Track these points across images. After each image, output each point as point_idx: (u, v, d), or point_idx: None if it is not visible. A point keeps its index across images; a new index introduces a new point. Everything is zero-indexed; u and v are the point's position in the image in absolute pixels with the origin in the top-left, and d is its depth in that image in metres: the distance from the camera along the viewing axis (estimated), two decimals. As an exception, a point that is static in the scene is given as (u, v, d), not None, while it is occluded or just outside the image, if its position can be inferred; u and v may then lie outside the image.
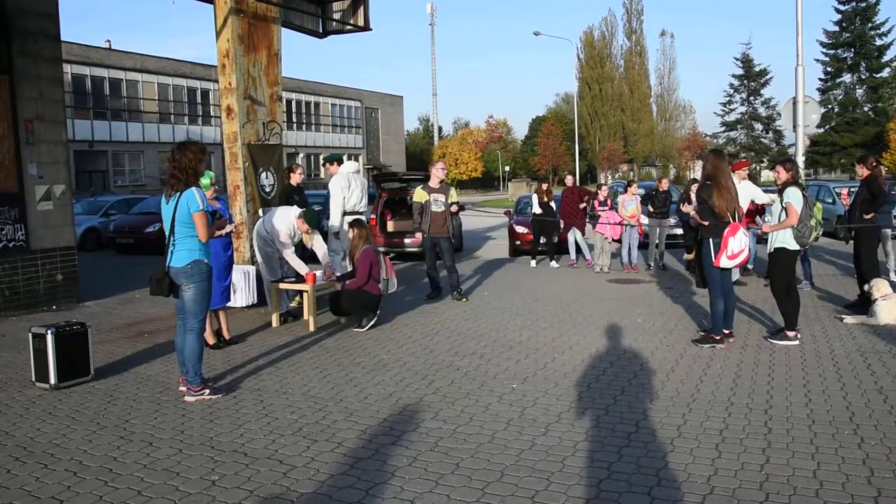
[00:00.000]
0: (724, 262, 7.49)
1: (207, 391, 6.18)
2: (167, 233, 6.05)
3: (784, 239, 7.73)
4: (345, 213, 10.34)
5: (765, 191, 12.04)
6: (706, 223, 7.53)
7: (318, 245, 9.41)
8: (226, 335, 8.26)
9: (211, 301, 7.86)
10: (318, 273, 9.27)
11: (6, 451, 5.06)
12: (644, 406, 5.72)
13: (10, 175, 10.58)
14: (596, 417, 5.48)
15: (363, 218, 10.04)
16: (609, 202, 14.40)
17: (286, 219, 9.13)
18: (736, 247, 7.44)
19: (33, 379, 6.65)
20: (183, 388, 6.28)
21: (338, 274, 9.55)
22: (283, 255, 9.25)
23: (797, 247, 7.73)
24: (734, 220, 7.51)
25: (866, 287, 8.90)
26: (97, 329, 8.89)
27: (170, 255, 6.05)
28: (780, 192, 7.84)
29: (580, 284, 12.49)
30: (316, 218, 9.37)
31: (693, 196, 12.99)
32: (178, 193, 5.94)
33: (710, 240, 7.53)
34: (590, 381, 6.47)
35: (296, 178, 10.73)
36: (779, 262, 7.82)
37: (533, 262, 15.05)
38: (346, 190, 10.34)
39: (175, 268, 6.04)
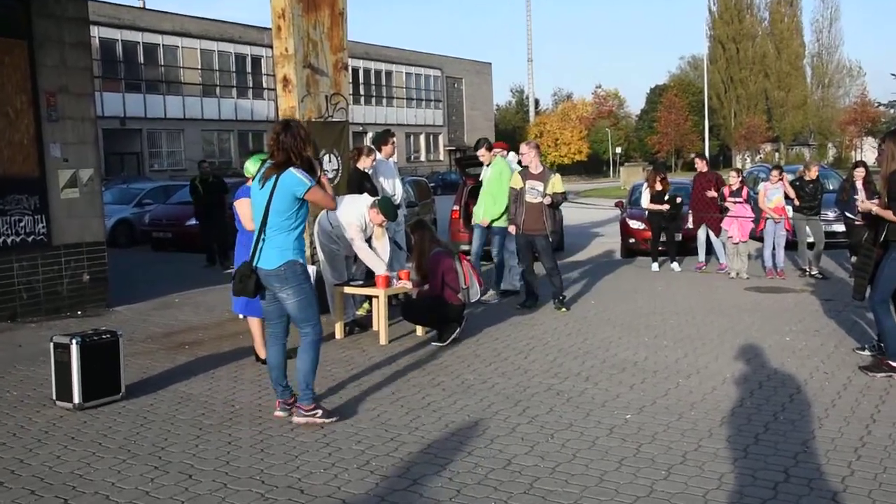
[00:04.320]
0: None
1: (320, 412, 6.27)
2: (257, 225, 6.12)
3: None
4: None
5: None
6: None
7: (381, 250, 9.47)
8: (279, 348, 8.38)
9: (262, 308, 8.01)
10: (393, 275, 9.32)
11: (21, 483, 5.23)
12: (795, 449, 5.56)
13: (30, 157, 10.95)
14: (732, 460, 5.36)
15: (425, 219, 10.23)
16: (745, 191, 14.03)
17: (356, 209, 9.19)
18: None
19: (54, 397, 6.85)
20: (279, 414, 6.42)
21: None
22: (353, 251, 9.34)
23: None
24: None
25: None
26: (130, 339, 9.13)
27: (258, 253, 6.10)
28: None
29: (711, 293, 12.28)
30: (393, 208, 9.42)
31: (860, 186, 12.65)
32: (274, 177, 6.01)
33: None
34: (724, 413, 6.34)
35: (365, 163, 10.67)
36: None
37: (655, 265, 14.86)
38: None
39: (265, 270, 6.08)
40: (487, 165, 12.02)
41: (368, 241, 9.48)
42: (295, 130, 6.10)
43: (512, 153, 12.70)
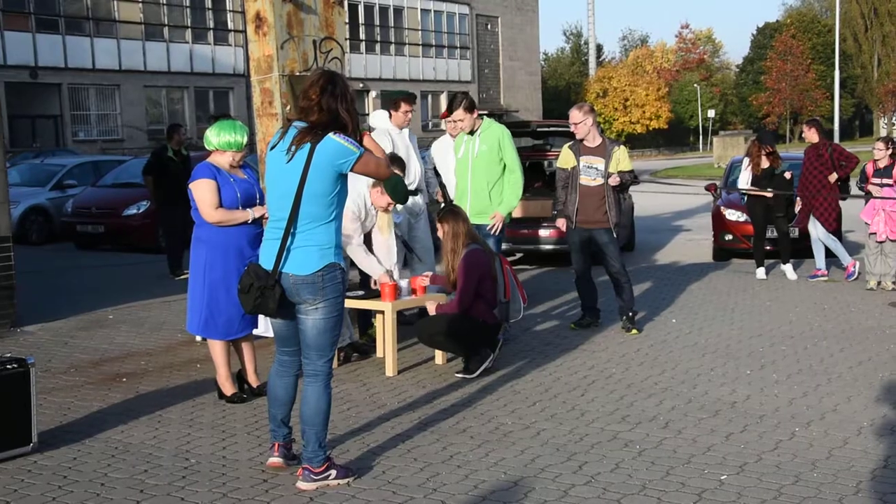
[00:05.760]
0: None
1: (333, 472, 6.27)
2: (281, 214, 6.06)
3: None
4: None
5: None
6: None
7: (386, 248, 9.50)
8: (252, 381, 8.46)
9: (227, 328, 8.08)
10: (404, 283, 9.34)
11: None
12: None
13: None
14: (868, 536, 5.35)
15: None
16: (896, 170, 13.95)
17: (352, 191, 9.22)
18: None
19: (-62, 449, 6.89)
20: (277, 461, 6.47)
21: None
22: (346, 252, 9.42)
23: None
24: None
25: None
26: (45, 369, 9.22)
27: (285, 252, 6.04)
28: None
29: (840, 310, 12.27)
30: (403, 187, 9.42)
31: None
32: (308, 146, 5.93)
33: None
34: (860, 477, 6.31)
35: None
36: None
37: (760, 271, 14.83)
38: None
39: (297, 276, 6.02)
40: (471, 133, 10.94)
41: (369, 234, 9.50)
42: (342, 89, 6.05)
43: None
